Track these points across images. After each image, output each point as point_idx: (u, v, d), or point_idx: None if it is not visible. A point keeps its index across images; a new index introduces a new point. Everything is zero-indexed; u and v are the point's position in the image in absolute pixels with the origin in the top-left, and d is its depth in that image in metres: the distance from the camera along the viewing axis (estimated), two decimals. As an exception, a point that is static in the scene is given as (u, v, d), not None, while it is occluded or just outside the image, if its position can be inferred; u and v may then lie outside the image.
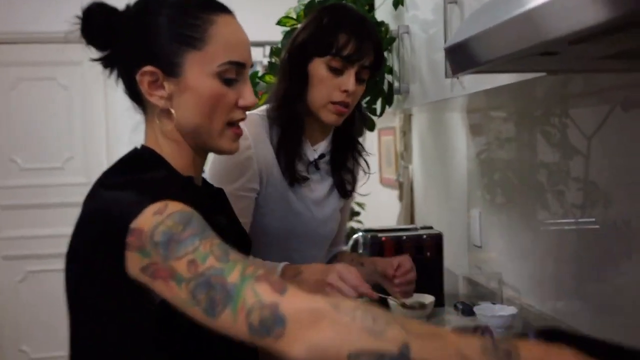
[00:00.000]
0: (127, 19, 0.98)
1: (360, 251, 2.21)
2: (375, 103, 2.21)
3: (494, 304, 1.92)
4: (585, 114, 1.58)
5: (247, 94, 1.00)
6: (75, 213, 0.94)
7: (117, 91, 1.06)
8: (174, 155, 1.00)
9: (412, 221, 2.91)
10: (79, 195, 1.12)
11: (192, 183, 1.01)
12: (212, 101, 0.97)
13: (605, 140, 1.51)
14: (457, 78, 1.49)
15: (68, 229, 0.95)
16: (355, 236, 2.23)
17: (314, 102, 1.35)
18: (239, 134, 1.03)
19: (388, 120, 3.13)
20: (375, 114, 2.33)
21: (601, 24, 0.65)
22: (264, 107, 1.42)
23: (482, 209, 2.23)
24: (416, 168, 2.93)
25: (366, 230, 2.20)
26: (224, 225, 1.01)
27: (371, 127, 2.40)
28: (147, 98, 0.98)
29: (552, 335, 1.10)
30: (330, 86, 1.32)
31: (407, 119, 2.93)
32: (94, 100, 4.01)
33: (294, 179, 1.37)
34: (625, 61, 0.93)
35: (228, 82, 0.97)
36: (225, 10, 1.00)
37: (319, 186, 1.44)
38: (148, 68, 0.96)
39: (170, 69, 0.96)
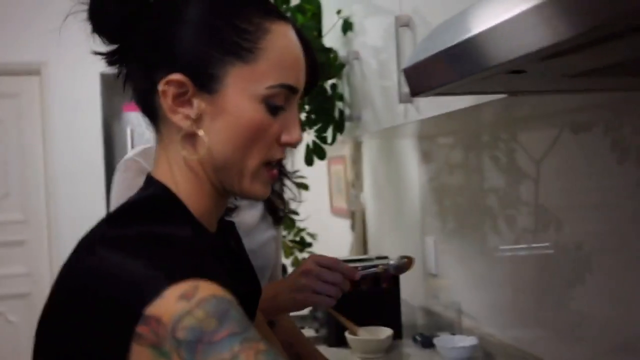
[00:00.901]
0: (155, 5, 0.76)
1: (315, 284, 2.13)
2: (326, 131, 2.16)
3: (453, 334, 1.87)
4: (534, 137, 1.58)
5: (294, 129, 0.78)
6: (13, 252, 0.80)
7: (55, 124, 0.92)
8: (193, 195, 0.77)
9: (365, 251, 2.85)
10: (17, 234, 1.01)
11: (218, 243, 0.80)
12: (252, 132, 0.75)
13: (554, 164, 1.51)
14: (412, 103, 1.45)
15: (5, 269, 0.81)
16: (308, 268, 2.15)
17: None
18: (274, 177, 0.80)
19: (337, 148, 3.08)
20: (325, 142, 2.27)
21: (563, 40, 0.62)
22: None
23: (437, 237, 2.19)
24: (368, 196, 2.89)
25: (320, 262, 2.12)
26: (239, 285, 0.76)
27: (321, 155, 2.35)
28: (168, 115, 0.75)
29: None
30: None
31: (357, 146, 2.89)
32: (30, 133, 3.85)
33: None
34: (593, 80, 0.90)
35: (274, 111, 0.76)
36: (283, 17, 0.78)
37: (249, 213, 1.30)
38: (176, 76, 0.74)
39: (205, 83, 0.74)
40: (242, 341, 0.61)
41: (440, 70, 0.87)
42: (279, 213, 1.31)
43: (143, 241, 0.68)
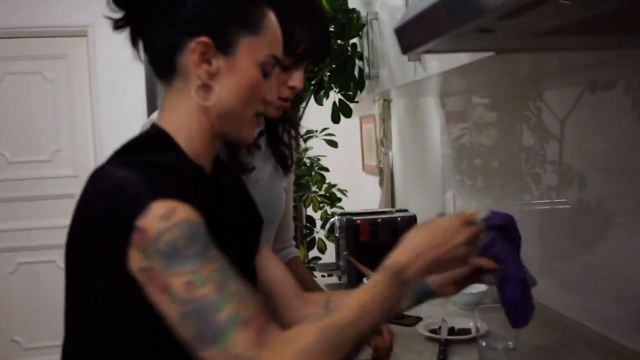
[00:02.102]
0: None
1: (337, 234, 2.26)
2: (348, 89, 2.25)
3: (465, 282, 1.97)
4: (559, 95, 1.61)
5: (273, 91, 1.08)
6: (64, 205, 0.96)
7: (101, 83, 1.05)
8: (191, 138, 0.96)
9: (392, 206, 2.96)
10: (68, 187, 1.17)
11: (203, 172, 0.97)
12: (252, 88, 0.96)
13: (577, 122, 1.54)
14: (419, 61, 1.53)
15: (58, 221, 0.98)
16: (331, 220, 2.28)
17: None
18: (259, 125, 1.06)
19: (368, 107, 3.17)
20: (350, 100, 2.37)
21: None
22: None
23: (456, 192, 2.27)
24: (395, 154, 2.98)
25: (342, 214, 2.25)
26: (233, 217, 1.00)
27: (347, 113, 2.45)
28: (193, 69, 0.93)
29: None
30: (278, 82, 1.23)
31: (386, 106, 2.97)
32: (79, 92, 4.05)
33: (240, 170, 1.27)
34: (567, 38, 0.97)
35: (265, 75, 0.97)
36: (269, 5, 1.00)
37: (263, 166, 1.37)
38: (205, 39, 0.93)
39: (225, 46, 0.94)
40: (204, 260, 0.83)
41: (420, 30, 0.97)
42: (287, 162, 1.40)
43: (136, 165, 0.88)
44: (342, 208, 3.07)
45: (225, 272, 0.84)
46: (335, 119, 2.45)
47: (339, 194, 3.17)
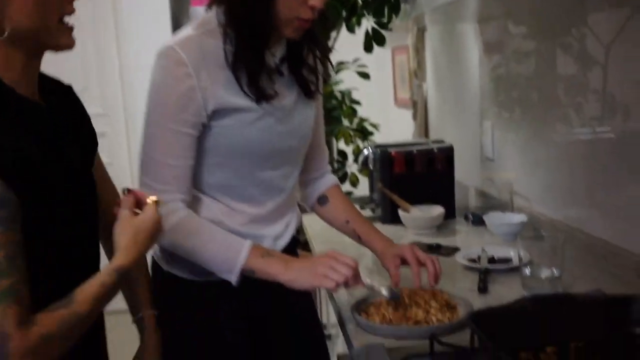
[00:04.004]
0: None
1: (371, 167, 2.21)
2: (382, 14, 2.16)
3: (504, 212, 1.92)
4: (603, 19, 1.51)
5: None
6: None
7: (127, 22, 1.00)
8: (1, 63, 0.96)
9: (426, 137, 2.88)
10: (98, 126, 1.16)
11: (15, 94, 0.97)
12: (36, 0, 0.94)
13: (623, 48, 1.44)
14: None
15: None
16: (365, 152, 2.22)
17: (278, 16, 1.18)
18: (72, 28, 1.01)
19: (401, 37, 3.06)
20: (384, 28, 2.28)
21: None
22: (209, 21, 1.23)
23: (495, 122, 2.19)
24: (430, 85, 2.89)
25: (376, 146, 2.19)
26: (59, 137, 1.03)
27: (380, 42, 2.36)
28: None
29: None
30: (297, 2, 1.16)
31: (420, 35, 2.86)
32: (104, 31, 3.98)
33: (262, 96, 1.21)
34: None
35: None
36: None
37: (287, 92, 1.29)
38: None
39: None
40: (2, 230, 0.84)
41: None
42: (310, 87, 1.32)
43: None
44: (374, 142, 3.01)
45: (15, 250, 0.86)
46: (368, 48, 2.36)
47: (370, 129, 3.11)
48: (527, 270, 1.36)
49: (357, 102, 2.98)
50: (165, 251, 1.29)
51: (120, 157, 3.89)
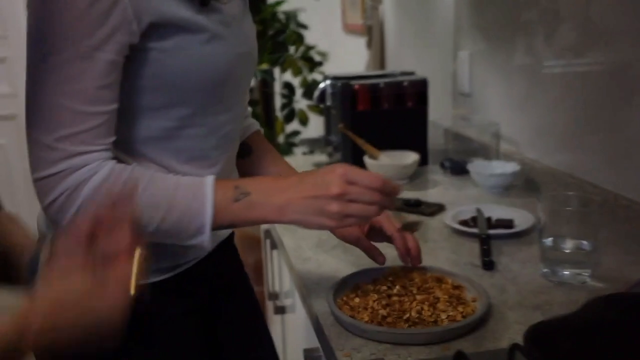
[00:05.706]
0: None
1: (329, 103, 1.85)
2: None
3: (489, 160, 1.62)
4: None
5: None
6: None
7: None
8: None
9: (383, 68, 2.54)
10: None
11: None
12: None
13: None
14: None
15: None
16: (321, 85, 1.86)
17: None
18: None
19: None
20: None
21: None
22: None
23: (472, 52, 1.87)
24: (388, 8, 2.52)
25: (335, 78, 1.83)
26: None
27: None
28: None
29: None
30: None
31: (377, -52, 2.47)
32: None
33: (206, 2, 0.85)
34: None
35: None
36: None
37: (233, 3, 0.93)
38: None
39: None
40: None
41: None
42: None
43: None
44: (322, 74, 2.64)
45: None
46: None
47: (318, 58, 2.72)
48: (549, 241, 1.06)
49: (304, 26, 2.58)
50: None
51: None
